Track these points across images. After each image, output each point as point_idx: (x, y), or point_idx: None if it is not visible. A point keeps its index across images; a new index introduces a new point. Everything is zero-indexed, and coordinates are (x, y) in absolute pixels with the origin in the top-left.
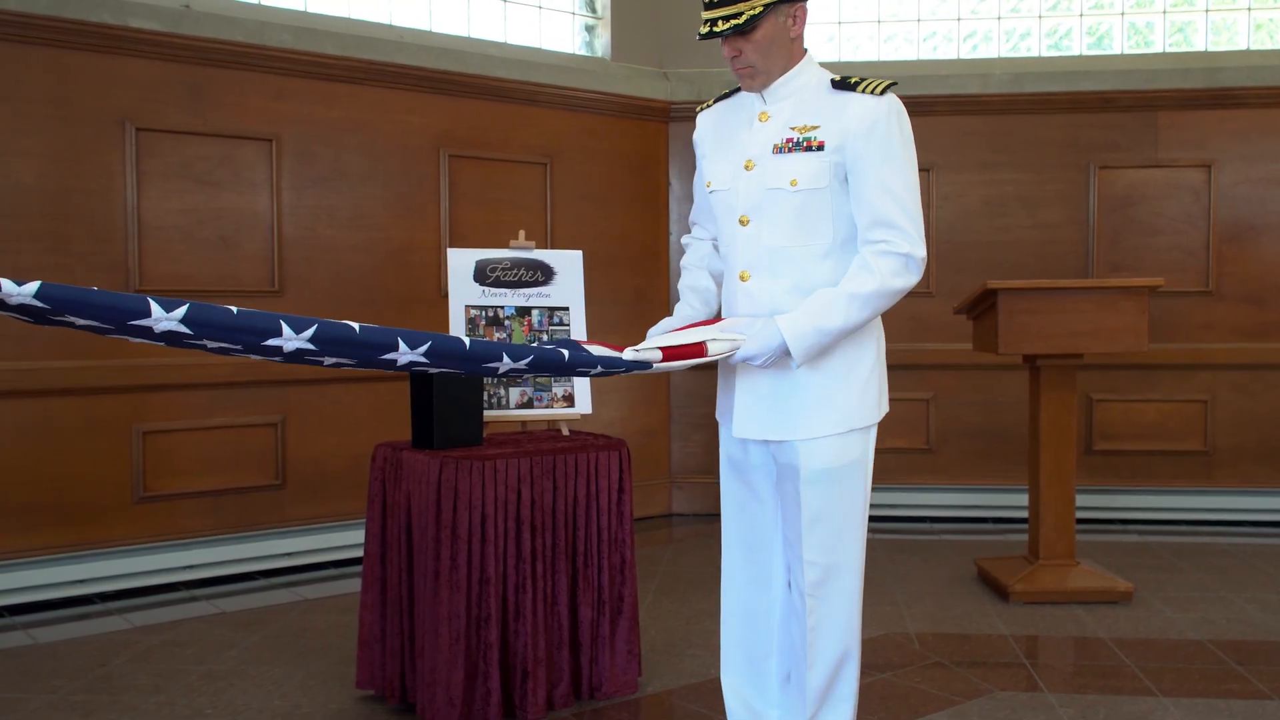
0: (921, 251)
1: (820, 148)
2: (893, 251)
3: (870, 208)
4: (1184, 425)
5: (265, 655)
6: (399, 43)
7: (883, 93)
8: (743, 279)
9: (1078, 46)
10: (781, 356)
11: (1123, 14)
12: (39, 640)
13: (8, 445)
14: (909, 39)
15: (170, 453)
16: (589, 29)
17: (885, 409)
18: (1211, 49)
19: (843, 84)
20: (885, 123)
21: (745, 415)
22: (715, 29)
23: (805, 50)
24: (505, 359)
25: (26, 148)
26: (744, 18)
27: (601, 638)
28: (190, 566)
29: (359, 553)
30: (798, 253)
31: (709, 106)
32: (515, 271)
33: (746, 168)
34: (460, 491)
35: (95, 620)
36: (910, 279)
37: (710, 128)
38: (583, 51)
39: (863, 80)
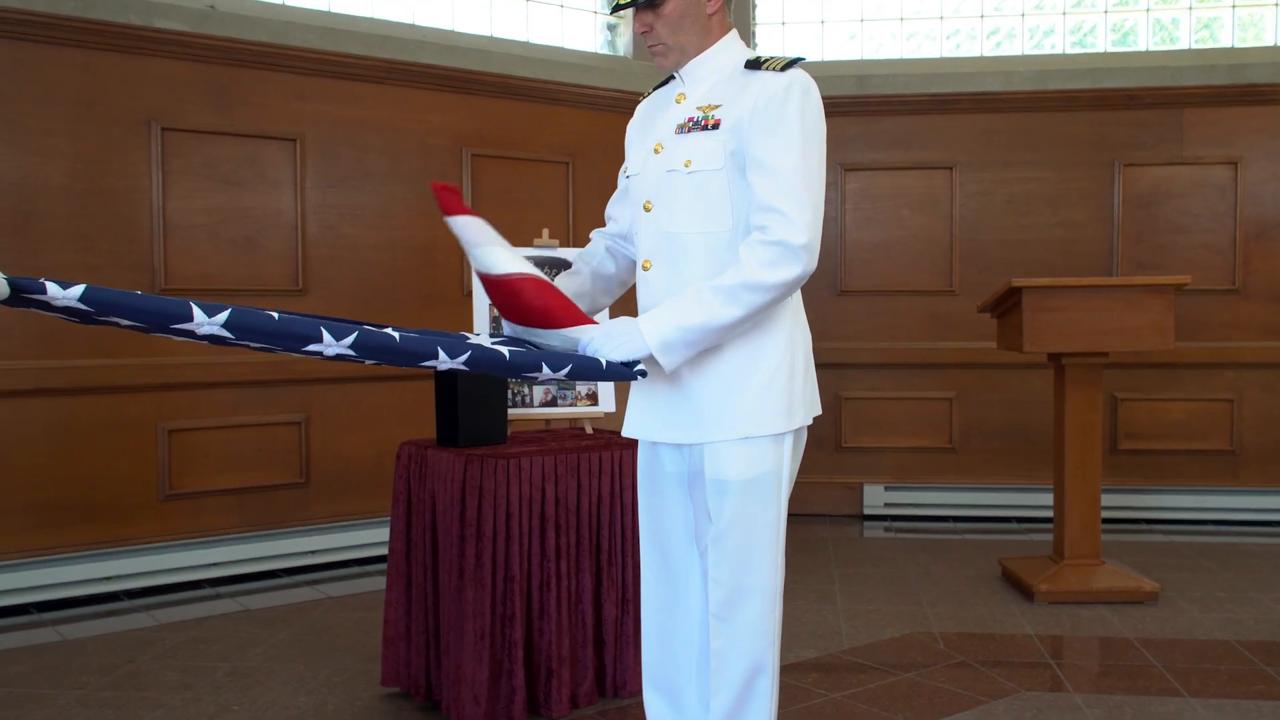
0: (803, 237)
1: (715, 127)
2: (768, 240)
3: (755, 190)
4: (1210, 424)
5: (290, 652)
6: (422, 42)
7: (784, 69)
8: (644, 269)
9: (1102, 43)
10: (650, 361)
11: (1148, 10)
12: (67, 637)
13: (35, 443)
14: (932, 36)
15: (195, 451)
16: (611, 28)
17: (805, 417)
18: (1238, 45)
19: (754, 63)
20: (780, 99)
21: (638, 415)
22: (622, 1)
23: (730, 27)
24: (545, 369)
25: (55, 147)
26: None
27: (625, 635)
28: (215, 564)
29: (383, 551)
30: (695, 240)
31: (648, 96)
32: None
33: (655, 151)
34: (485, 489)
35: (122, 617)
36: (791, 270)
37: (639, 116)
38: (605, 50)
39: (771, 58)
